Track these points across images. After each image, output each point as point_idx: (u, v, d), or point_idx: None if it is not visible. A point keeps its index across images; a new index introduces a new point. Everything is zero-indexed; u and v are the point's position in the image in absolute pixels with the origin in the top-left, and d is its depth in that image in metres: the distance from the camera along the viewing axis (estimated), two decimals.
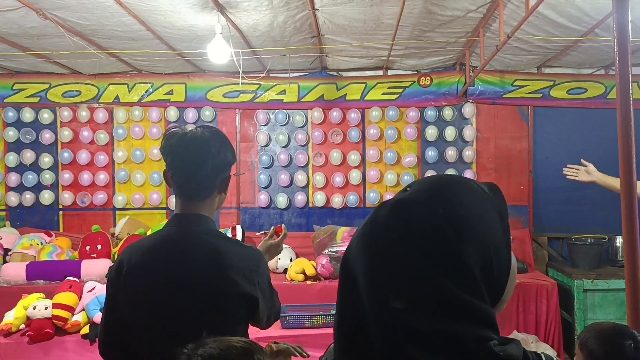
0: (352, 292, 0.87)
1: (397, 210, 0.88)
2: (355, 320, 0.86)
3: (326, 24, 4.22)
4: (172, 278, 1.69)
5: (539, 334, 4.64)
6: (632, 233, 2.09)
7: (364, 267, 0.86)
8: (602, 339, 1.90)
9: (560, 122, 5.56)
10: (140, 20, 3.99)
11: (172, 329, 1.67)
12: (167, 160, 1.76)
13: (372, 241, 0.88)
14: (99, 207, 5.68)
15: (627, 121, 2.08)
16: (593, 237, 5.22)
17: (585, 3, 3.67)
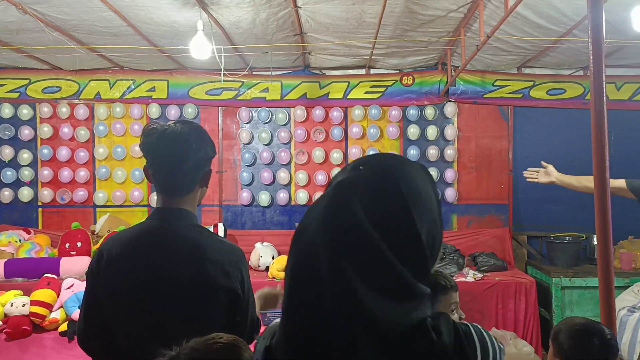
0: (308, 271, 0.89)
1: (355, 189, 0.91)
2: (311, 302, 0.87)
3: (309, 22, 4.23)
4: (152, 270, 1.69)
5: (517, 331, 4.70)
6: (605, 232, 2.13)
7: (325, 248, 0.87)
8: (571, 334, 1.94)
9: (540, 122, 5.63)
10: (121, 15, 3.96)
11: (151, 321, 1.68)
12: (148, 158, 1.77)
13: (334, 222, 0.89)
14: (79, 204, 5.63)
15: (600, 121, 2.12)
16: (571, 236, 5.30)
17: (563, 4, 3.72)
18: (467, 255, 5.27)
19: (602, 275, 2.16)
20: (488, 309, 4.75)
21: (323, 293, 0.86)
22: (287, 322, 0.91)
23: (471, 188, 5.68)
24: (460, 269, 4.98)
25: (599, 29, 2.12)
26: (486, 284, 4.77)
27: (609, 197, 2.14)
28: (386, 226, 0.89)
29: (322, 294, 0.86)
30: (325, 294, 0.85)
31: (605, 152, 2.12)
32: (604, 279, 2.15)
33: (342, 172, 0.99)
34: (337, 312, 0.85)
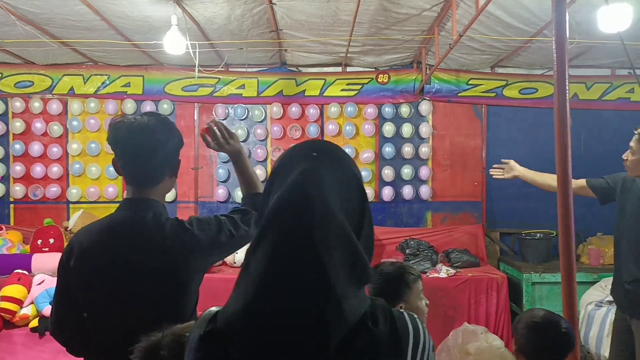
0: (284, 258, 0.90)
1: (322, 178, 0.96)
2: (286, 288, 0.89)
3: (284, 19, 4.24)
4: (122, 260, 1.71)
5: (489, 326, 4.77)
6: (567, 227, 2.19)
7: (302, 235, 0.90)
8: (528, 325, 2.00)
9: (512, 121, 5.72)
10: (94, 9, 3.93)
11: (123, 311, 1.70)
12: (116, 151, 1.78)
13: (309, 210, 0.92)
14: (52, 200, 5.57)
15: (563, 120, 2.16)
16: (542, 232, 5.39)
17: (533, 4, 3.79)
18: (440, 252, 5.33)
19: (564, 269, 2.21)
20: (460, 304, 4.82)
21: (298, 280, 0.88)
22: (252, 308, 0.90)
23: (445, 185, 5.75)
24: (434, 265, 5.04)
25: (563, 28, 2.18)
26: (459, 280, 4.84)
27: (572, 194, 2.19)
28: (351, 213, 0.95)
29: (298, 280, 0.88)
30: (300, 281, 0.88)
31: (568, 151, 2.17)
32: (565, 272, 2.20)
33: (294, 158, 1.02)
34: (312, 299, 0.87)
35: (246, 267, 0.93)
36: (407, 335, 0.97)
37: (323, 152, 1.02)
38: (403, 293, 2.07)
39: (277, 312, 0.88)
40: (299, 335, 0.87)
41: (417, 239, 5.36)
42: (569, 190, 2.17)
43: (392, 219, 5.73)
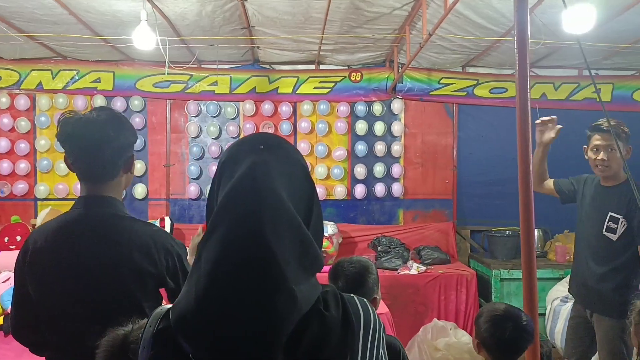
0: (236, 250, 0.90)
1: (272, 170, 0.99)
2: (237, 279, 0.89)
3: (255, 16, 4.23)
4: (78, 259, 1.69)
5: (458, 322, 4.86)
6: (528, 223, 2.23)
7: (253, 227, 0.91)
8: (488, 318, 2.04)
9: (483, 120, 5.80)
10: (61, 3, 3.87)
11: (79, 310, 1.69)
12: (66, 147, 1.75)
13: (261, 202, 0.93)
14: (19, 197, 5.46)
15: (524, 117, 2.22)
16: (511, 230, 5.49)
17: (501, 5, 3.85)
18: (412, 249, 5.39)
19: (525, 264, 2.25)
20: (431, 300, 4.88)
21: (249, 269, 0.88)
22: (204, 301, 0.90)
23: (417, 183, 5.81)
24: (405, 262, 5.09)
25: (524, 27, 2.22)
26: (429, 277, 4.90)
27: (532, 190, 2.24)
28: (299, 203, 0.98)
29: (248, 270, 0.88)
30: (251, 270, 0.88)
31: (529, 148, 2.22)
32: (526, 268, 2.25)
33: (241, 152, 1.03)
34: (263, 287, 0.88)
35: (198, 260, 0.93)
36: (359, 319, 1.00)
37: (270, 144, 1.04)
38: (376, 286, 2.22)
39: (228, 303, 0.88)
40: (252, 324, 0.87)
41: (388, 237, 5.40)
42: (530, 188, 2.21)
43: (364, 217, 5.77)
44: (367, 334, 1.00)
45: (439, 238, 5.66)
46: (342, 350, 0.96)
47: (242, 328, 0.87)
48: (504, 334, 1.97)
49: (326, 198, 5.66)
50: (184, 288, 0.95)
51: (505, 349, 2.00)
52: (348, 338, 0.97)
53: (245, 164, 0.98)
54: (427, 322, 4.62)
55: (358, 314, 1.00)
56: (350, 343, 0.97)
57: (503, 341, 1.97)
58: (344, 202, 5.72)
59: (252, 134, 1.13)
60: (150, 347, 0.96)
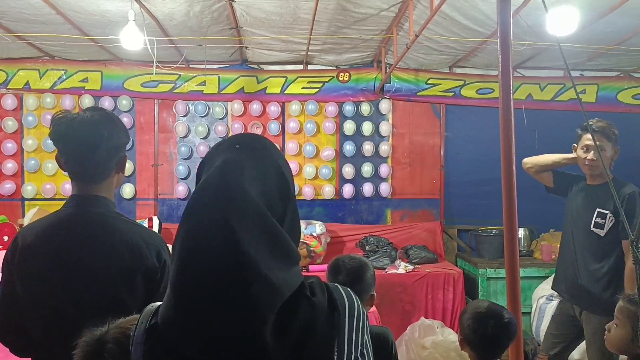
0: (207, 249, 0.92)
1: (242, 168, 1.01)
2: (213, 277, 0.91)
3: (244, 16, 4.25)
4: (67, 258, 1.68)
5: (445, 320, 4.90)
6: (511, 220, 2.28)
7: (222, 225, 0.93)
8: (471, 315, 2.07)
9: (470, 120, 5.86)
10: (49, 3, 3.86)
11: (66, 308, 1.68)
12: (59, 147, 1.75)
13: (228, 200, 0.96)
14: (6, 197, 5.44)
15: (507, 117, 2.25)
16: (498, 229, 5.54)
17: (487, 7, 3.89)
18: (399, 248, 5.43)
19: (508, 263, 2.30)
20: (418, 299, 4.92)
21: (218, 260, 0.91)
22: (181, 297, 0.93)
23: (405, 183, 5.85)
24: (393, 261, 5.13)
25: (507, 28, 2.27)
26: (417, 276, 4.94)
27: (515, 188, 2.28)
28: (273, 201, 1.01)
29: (218, 261, 0.91)
30: (220, 262, 0.91)
31: (512, 149, 2.26)
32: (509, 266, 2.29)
33: (218, 151, 1.06)
34: (236, 276, 0.90)
35: (173, 260, 0.96)
36: (344, 304, 1.03)
37: (245, 144, 1.08)
38: (373, 283, 2.29)
39: (204, 300, 0.90)
40: (232, 316, 0.89)
41: (376, 236, 5.44)
42: (513, 187, 2.26)
43: (352, 216, 5.80)
44: (352, 319, 1.03)
45: (426, 237, 5.70)
46: (330, 333, 0.99)
47: (223, 322, 0.90)
48: (486, 331, 2.00)
49: (314, 198, 5.69)
50: (168, 288, 0.97)
51: (487, 345, 2.03)
52: (334, 321, 1.00)
53: (217, 162, 1.02)
54: (414, 321, 4.66)
55: (342, 300, 1.04)
56: (337, 326, 1.00)
57: (485, 338, 2.01)
58: (332, 201, 5.75)
59: (233, 136, 1.17)
60: (143, 342, 0.99)
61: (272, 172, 1.05)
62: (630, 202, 3.01)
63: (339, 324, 1.01)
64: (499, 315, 2.04)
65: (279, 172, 1.07)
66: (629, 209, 2.97)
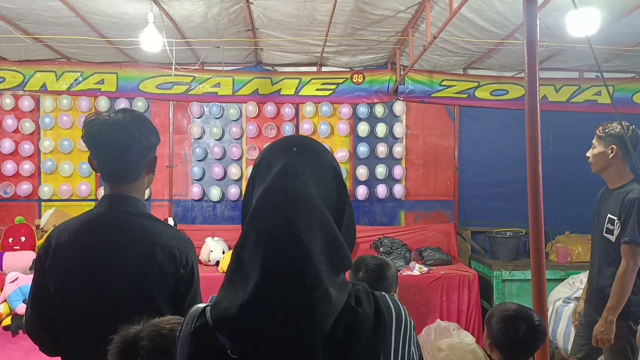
0: (274, 254, 0.93)
1: (303, 172, 1.01)
2: (277, 281, 0.92)
3: (260, 18, 4.26)
4: (100, 258, 1.71)
5: (460, 322, 4.88)
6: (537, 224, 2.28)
7: (290, 229, 0.94)
8: (501, 318, 2.05)
9: (484, 122, 5.84)
10: (69, 5, 3.89)
11: (98, 308, 1.70)
12: (91, 149, 1.79)
13: (296, 205, 0.96)
14: (23, 198, 5.48)
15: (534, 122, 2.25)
16: (512, 231, 5.53)
17: (505, 8, 3.88)
18: (413, 250, 5.42)
19: (534, 265, 2.30)
20: (433, 301, 4.91)
21: (288, 272, 0.91)
22: (247, 302, 0.92)
23: (418, 184, 5.84)
24: (407, 262, 5.13)
25: (534, 31, 2.26)
26: (431, 277, 4.93)
27: (541, 192, 2.28)
28: (330, 203, 1.01)
29: (287, 272, 0.91)
30: (290, 273, 0.91)
31: (538, 150, 2.26)
32: (535, 269, 2.29)
33: (274, 154, 1.06)
34: (302, 289, 0.91)
35: (236, 262, 0.97)
36: (391, 316, 1.03)
37: (302, 146, 1.07)
38: (395, 284, 2.30)
39: (270, 306, 0.91)
40: (292, 324, 0.90)
41: (390, 237, 5.44)
42: (539, 189, 2.25)
43: (366, 218, 5.80)
44: (399, 330, 1.03)
45: (440, 239, 5.69)
46: (375, 344, 0.99)
47: (283, 328, 0.91)
48: (518, 334, 1.99)
49: None
50: (222, 289, 0.98)
51: (519, 348, 2.02)
52: (380, 333, 1.00)
53: (277, 165, 1.01)
54: (429, 323, 4.64)
55: (390, 310, 1.04)
56: (382, 338, 1.00)
57: (517, 341, 1.99)
58: None
59: (285, 137, 1.14)
60: (189, 344, 1.00)
61: (330, 175, 1.05)
62: (630, 206, 2.98)
63: (384, 336, 1.01)
64: (530, 317, 2.03)
65: (337, 175, 1.07)
66: (627, 212, 2.96)
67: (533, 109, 2.24)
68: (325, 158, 1.08)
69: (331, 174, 1.06)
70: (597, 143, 3.19)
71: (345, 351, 0.95)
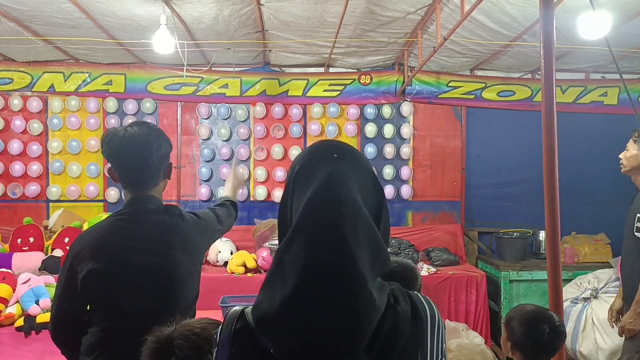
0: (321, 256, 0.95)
1: (348, 180, 1.03)
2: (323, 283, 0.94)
3: (270, 20, 4.28)
4: (129, 259, 1.79)
5: (469, 323, 4.89)
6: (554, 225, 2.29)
7: (338, 233, 0.95)
8: (522, 321, 2.06)
9: (491, 123, 5.86)
10: (81, 7, 3.91)
11: (129, 309, 1.77)
12: (113, 163, 1.91)
13: (344, 212, 0.98)
14: (31, 198, 5.49)
15: (550, 121, 2.27)
16: (519, 232, 5.56)
17: (515, 10, 3.90)
18: (421, 250, 5.44)
19: (550, 266, 2.32)
20: (441, 301, 4.92)
21: (334, 276, 0.93)
22: (291, 304, 0.93)
23: (426, 185, 5.86)
24: (415, 263, 5.13)
25: (550, 34, 2.28)
26: (440, 278, 4.95)
27: (558, 193, 2.29)
28: (371, 208, 1.03)
29: (334, 277, 0.93)
30: (336, 277, 0.93)
31: (555, 151, 2.27)
32: (552, 269, 2.31)
33: (314, 161, 1.07)
34: (348, 293, 0.93)
35: (278, 265, 0.98)
36: (426, 314, 1.06)
37: (342, 153, 1.08)
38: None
39: (313, 308, 0.93)
40: (336, 328, 0.92)
41: (398, 238, 5.45)
42: (555, 190, 2.27)
43: None
44: (434, 328, 1.06)
45: (447, 240, 5.71)
46: (414, 342, 1.02)
47: (327, 332, 0.92)
48: (542, 336, 1.99)
49: None
50: (263, 291, 0.99)
51: (542, 350, 2.03)
52: (418, 330, 1.03)
53: (322, 173, 1.03)
54: None
55: (424, 308, 1.06)
56: (420, 335, 1.03)
57: (540, 343, 2.00)
58: None
59: (321, 143, 1.15)
60: (230, 345, 1.02)
61: (370, 182, 1.08)
62: None
63: (422, 333, 1.04)
64: (551, 319, 2.04)
65: (375, 179, 1.10)
66: None
67: (550, 110, 2.26)
68: (363, 163, 1.11)
69: (370, 179, 1.09)
70: (631, 146, 3.25)
71: (387, 350, 0.97)
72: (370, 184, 1.08)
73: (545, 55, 2.25)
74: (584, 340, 4.55)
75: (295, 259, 0.96)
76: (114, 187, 5.53)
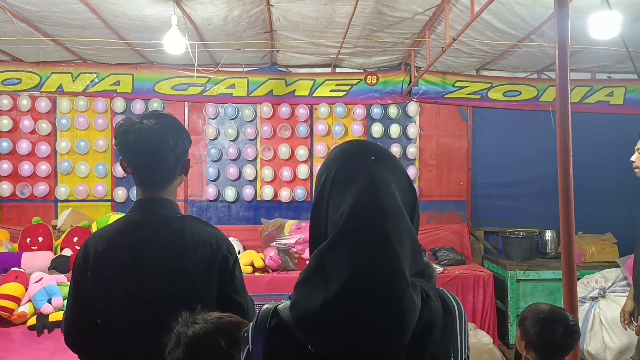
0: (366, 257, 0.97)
1: (389, 182, 1.06)
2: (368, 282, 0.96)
3: (279, 20, 4.30)
4: (141, 261, 1.72)
5: (476, 322, 4.91)
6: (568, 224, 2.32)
7: (384, 234, 0.98)
8: (536, 320, 2.07)
9: (497, 122, 5.88)
10: (91, 8, 3.93)
11: (144, 311, 1.71)
12: (125, 156, 1.78)
13: (389, 213, 1.01)
14: (39, 198, 5.52)
15: (565, 122, 2.29)
16: (525, 231, 5.57)
17: (523, 10, 3.92)
18: (428, 250, 5.46)
19: (565, 265, 2.34)
20: None
21: (380, 278, 0.96)
22: (334, 304, 0.95)
23: (432, 185, 5.88)
24: None
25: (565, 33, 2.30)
26: (447, 277, 4.96)
27: (572, 192, 2.31)
28: (409, 209, 1.07)
29: (379, 279, 0.96)
30: (382, 281, 0.96)
31: (569, 150, 2.29)
32: (567, 267, 2.33)
33: (353, 164, 1.09)
34: (393, 296, 0.95)
35: (317, 265, 0.99)
36: (454, 308, 1.09)
37: (379, 155, 1.10)
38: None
39: (361, 309, 0.95)
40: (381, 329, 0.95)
41: None
42: (570, 189, 2.29)
43: None
44: (461, 322, 1.10)
45: (453, 239, 5.73)
46: (446, 335, 1.05)
47: (372, 332, 0.95)
48: (556, 336, 2.01)
49: None
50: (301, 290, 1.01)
51: (556, 350, 2.04)
52: (449, 324, 1.06)
53: (362, 177, 1.04)
54: None
55: (452, 303, 1.10)
56: (451, 329, 1.07)
57: (553, 344, 2.02)
58: None
59: (354, 144, 1.16)
60: (265, 342, 1.03)
61: (405, 183, 1.10)
62: None
63: (453, 327, 1.07)
64: (565, 318, 2.06)
65: (409, 182, 1.12)
66: None
67: (565, 110, 2.28)
68: (399, 164, 1.13)
69: (405, 180, 1.11)
70: None
71: (423, 344, 1.01)
72: (405, 186, 1.10)
73: (560, 54, 2.28)
74: (591, 340, 4.57)
75: (339, 261, 0.97)
76: (121, 187, 5.55)
